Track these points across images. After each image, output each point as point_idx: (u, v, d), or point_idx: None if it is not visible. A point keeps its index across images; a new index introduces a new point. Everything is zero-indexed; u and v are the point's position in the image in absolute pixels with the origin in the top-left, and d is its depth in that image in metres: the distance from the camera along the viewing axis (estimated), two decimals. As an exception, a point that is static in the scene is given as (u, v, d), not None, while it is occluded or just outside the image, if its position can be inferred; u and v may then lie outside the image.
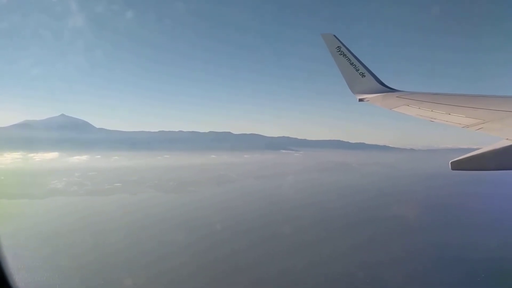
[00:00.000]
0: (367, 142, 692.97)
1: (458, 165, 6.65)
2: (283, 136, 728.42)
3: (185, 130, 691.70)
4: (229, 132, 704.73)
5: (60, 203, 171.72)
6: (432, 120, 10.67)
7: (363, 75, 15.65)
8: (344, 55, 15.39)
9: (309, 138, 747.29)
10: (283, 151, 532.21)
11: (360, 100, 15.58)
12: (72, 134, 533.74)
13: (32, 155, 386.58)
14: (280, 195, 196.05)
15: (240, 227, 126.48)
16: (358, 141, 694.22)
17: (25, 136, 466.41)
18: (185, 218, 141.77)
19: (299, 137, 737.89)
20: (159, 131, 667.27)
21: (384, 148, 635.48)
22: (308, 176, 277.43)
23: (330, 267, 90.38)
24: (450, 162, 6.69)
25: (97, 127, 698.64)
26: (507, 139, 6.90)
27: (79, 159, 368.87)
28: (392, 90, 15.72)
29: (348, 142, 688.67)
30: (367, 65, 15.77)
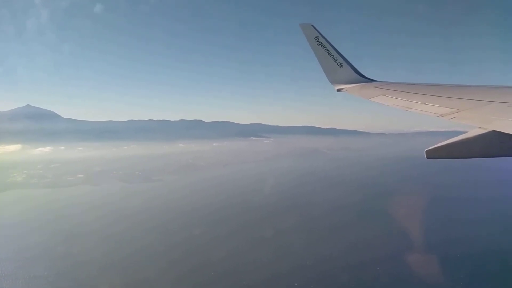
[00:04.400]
0: (338, 127, 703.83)
1: (432, 153, 6.88)
2: (255, 123, 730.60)
3: (155, 119, 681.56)
4: (201, 120, 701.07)
5: (19, 196, 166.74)
6: (408, 109, 10.77)
7: (341, 65, 15.74)
8: (322, 45, 15.39)
9: (281, 124, 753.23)
10: (254, 138, 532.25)
11: (338, 90, 15.73)
12: (37, 125, 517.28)
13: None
14: (247, 183, 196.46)
15: (206, 217, 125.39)
16: (330, 127, 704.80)
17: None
18: (148, 208, 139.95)
19: (271, 124, 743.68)
20: (128, 121, 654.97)
21: (355, 133, 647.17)
22: (275, 163, 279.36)
23: (298, 256, 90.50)
24: (425, 150, 6.88)
25: (65, 117, 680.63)
26: (479, 127, 7.07)
27: (42, 151, 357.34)
28: (369, 80, 15.87)
29: (319, 128, 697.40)
30: (345, 55, 15.87)
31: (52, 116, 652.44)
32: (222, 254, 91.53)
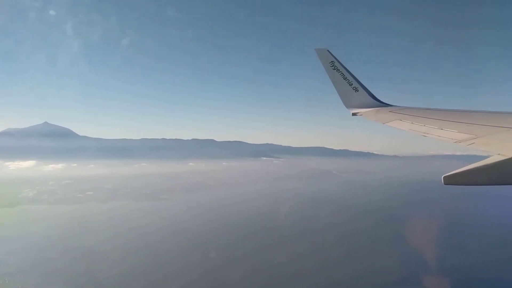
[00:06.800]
0: (351, 149, 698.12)
1: (450, 180, 6.68)
2: (267, 143, 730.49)
3: (168, 138, 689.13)
4: (212, 140, 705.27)
5: (27, 211, 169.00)
6: (424, 135, 10.65)
7: (356, 89, 15.78)
8: (338, 70, 15.53)
9: (293, 145, 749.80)
10: (264, 158, 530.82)
11: (354, 114, 15.72)
12: (53, 142, 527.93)
13: (8, 163, 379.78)
14: (255, 205, 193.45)
15: (211, 240, 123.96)
16: (342, 148, 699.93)
17: (4, 145, 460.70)
18: (152, 227, 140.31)
19: (283, 144, 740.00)
20: (141, 139, 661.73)
21: (368, 155, 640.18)
22: (285, 184, 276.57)
23: (306, 282, 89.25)
24: (442, 177, 6.71)
25: (80, 135, 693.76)
26: (498, 154, 6.93)
27: (54, 167, 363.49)
28: (385, 104, 15.85)
29: (332, 149, 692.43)
30: (360, 80, 15.93)
31: (68, 134, 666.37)
32: (226, 278, 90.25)
